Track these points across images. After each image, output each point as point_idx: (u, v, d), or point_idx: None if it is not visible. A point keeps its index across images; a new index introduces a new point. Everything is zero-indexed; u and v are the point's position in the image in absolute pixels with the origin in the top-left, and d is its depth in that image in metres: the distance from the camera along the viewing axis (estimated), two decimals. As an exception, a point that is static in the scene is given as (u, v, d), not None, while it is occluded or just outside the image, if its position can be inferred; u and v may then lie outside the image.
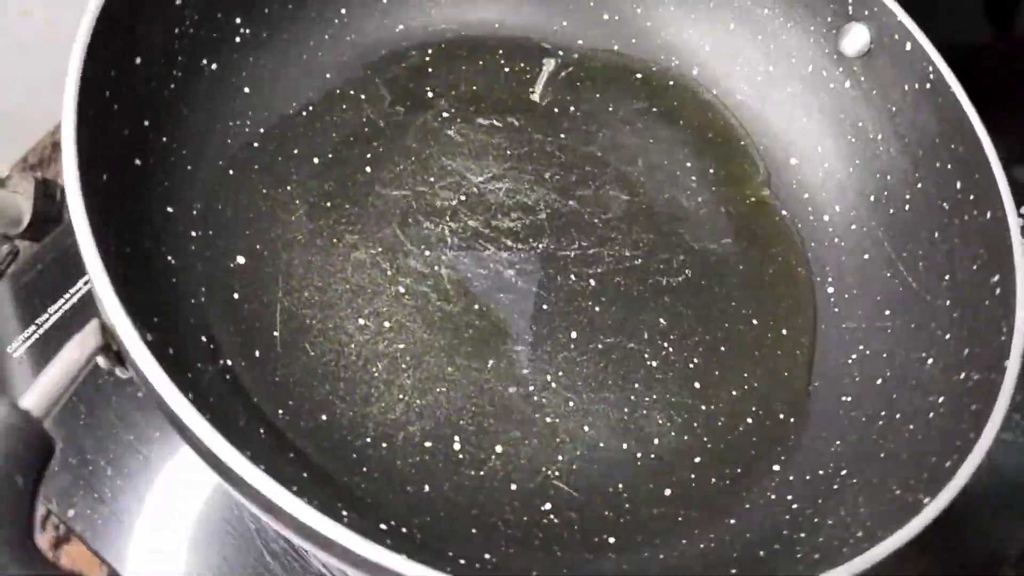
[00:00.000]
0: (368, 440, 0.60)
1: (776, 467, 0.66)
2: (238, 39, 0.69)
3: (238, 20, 0.69)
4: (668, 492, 0.63)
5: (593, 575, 0.57)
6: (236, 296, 0.63)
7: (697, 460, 0.65)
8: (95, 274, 0.46)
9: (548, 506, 0.61)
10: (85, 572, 0.68)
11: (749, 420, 0.68)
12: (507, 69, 0.80)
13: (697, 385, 0.68)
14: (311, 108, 0.72)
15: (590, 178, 0.76)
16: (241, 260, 0.64)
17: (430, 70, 0.78)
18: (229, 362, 0.59)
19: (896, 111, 0.73)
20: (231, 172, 0.67)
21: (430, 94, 0.76)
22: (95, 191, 0.51)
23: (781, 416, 0.69)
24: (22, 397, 0.43)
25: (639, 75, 0.83)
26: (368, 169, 0.71)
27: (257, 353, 0.61)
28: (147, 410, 0.73)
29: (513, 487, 0.61)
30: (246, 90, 0.70)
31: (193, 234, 0.63)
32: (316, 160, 0.70)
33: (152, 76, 0.62)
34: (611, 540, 0.60)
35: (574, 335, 0.68)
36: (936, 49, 0.69)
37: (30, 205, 0.86)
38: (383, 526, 0.56)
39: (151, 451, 0.71)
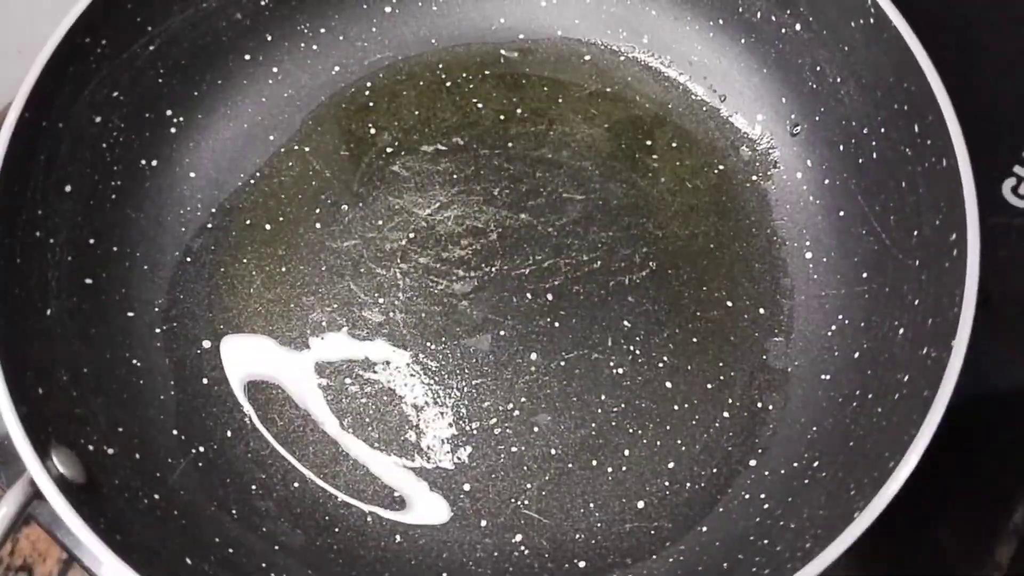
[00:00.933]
0: (339, 500, 0.64)
1: (753, 462, 0.64)
2: (173, 129, 0.72)
3: (168, 112, 0.72)
4: (641, 505, 0.63)
5: (558, 606, 0.59)
6: (205, 381, 0.67)
7: (671, 465, 0.64)
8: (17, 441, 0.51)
9: (519, 537, 0.63)
10: (44, 555, 0.70)
11: (725, 414, 0.66)
12: (448, 84, 0.79)
13: (668, 384, 0.67)
14: (258, 174, 0.75)
15: (541, 185, 0.74)
16: (207, 344, 0.69)
17: (371, 104, 0.78)
18: (201, 449, 0.64)
19: (849, 50, 0.66)
20: (188, 260, 0.71)
21: (372, 130, 0.77)
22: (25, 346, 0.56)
23: (759, 404, 0.66)
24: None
25: (587, 57, 0.79)
26: (318, 225, 0.73)
27: (229, 433, 0.66)
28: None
29: (483, 523, 0.63)
30: (191, 175, 0.73)
31: (156, 331, 0.68)
32: (268, 227, 0.73)
33: (88, 195, 0.66)
34: (581, 564, 0.61)
35: (534, 357, 0.68)
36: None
37: None
38: (353, 586, 0.60)
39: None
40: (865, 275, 0.66)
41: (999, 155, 0.79)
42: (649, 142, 0.76)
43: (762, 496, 0.62)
